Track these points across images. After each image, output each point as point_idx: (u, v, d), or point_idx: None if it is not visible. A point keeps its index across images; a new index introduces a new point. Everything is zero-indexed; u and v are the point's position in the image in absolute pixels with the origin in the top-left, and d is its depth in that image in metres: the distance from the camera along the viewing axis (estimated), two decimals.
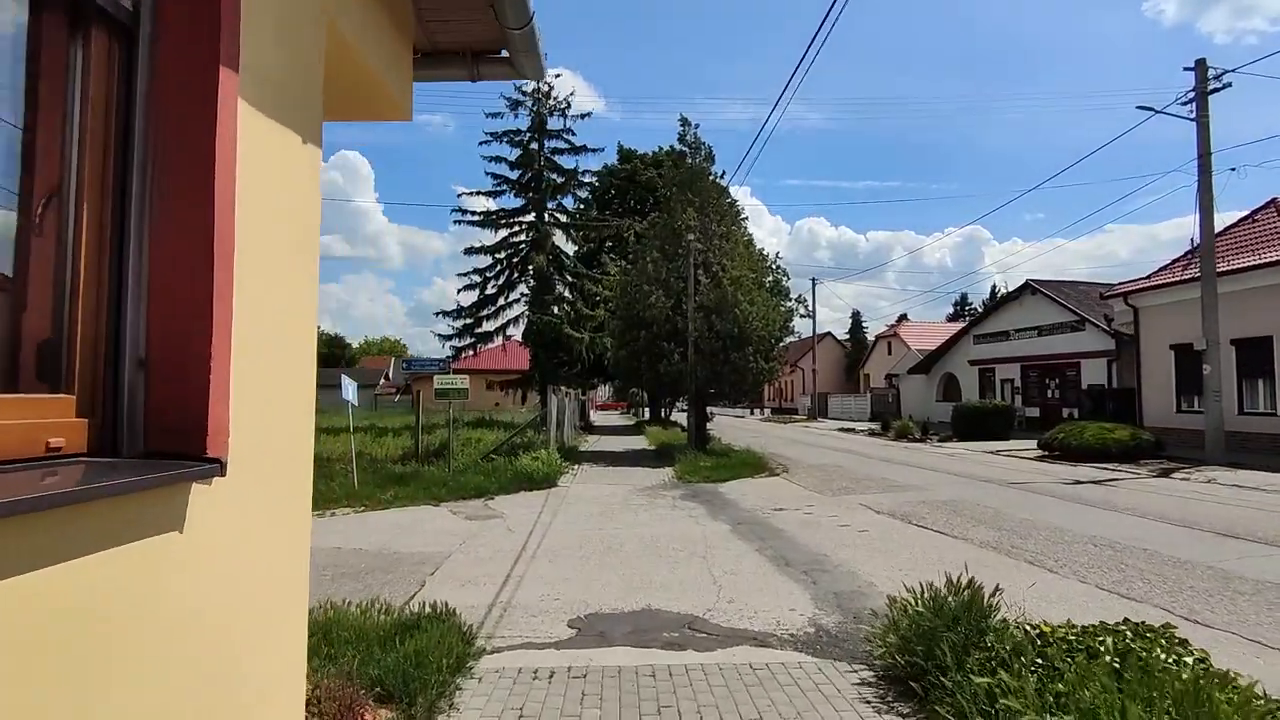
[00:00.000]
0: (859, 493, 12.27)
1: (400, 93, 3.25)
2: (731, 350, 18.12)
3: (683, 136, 20.30)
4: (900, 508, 10.43)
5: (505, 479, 13.22)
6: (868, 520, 9.51)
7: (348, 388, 12.95)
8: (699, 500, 11.61)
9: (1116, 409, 21.42)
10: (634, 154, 38.41)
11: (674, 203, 20.09)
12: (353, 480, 12.52)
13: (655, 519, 9.88)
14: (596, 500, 11.70)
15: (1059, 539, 8.02)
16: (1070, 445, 17.38)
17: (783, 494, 12.36)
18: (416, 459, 14.98)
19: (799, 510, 10.44)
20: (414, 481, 12.94)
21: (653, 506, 11.02)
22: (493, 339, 31.59)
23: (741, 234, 20.11)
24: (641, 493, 12.63)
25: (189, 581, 1.59)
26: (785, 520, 9.61)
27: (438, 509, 11.08)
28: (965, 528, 8.77)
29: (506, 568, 6.99)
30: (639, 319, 18.92)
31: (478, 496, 12.14)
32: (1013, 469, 15.89)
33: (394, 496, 11.87)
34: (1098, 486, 12.68)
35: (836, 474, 15.32)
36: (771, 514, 10.14)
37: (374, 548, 8.14)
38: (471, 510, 10.90)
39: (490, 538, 8.66)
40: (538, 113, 31.23)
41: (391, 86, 3.14)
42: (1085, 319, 25.44)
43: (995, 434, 24.13)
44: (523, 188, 31.51)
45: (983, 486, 12.84)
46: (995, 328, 31.14)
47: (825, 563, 7.05)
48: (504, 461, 14.24)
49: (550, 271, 30.88)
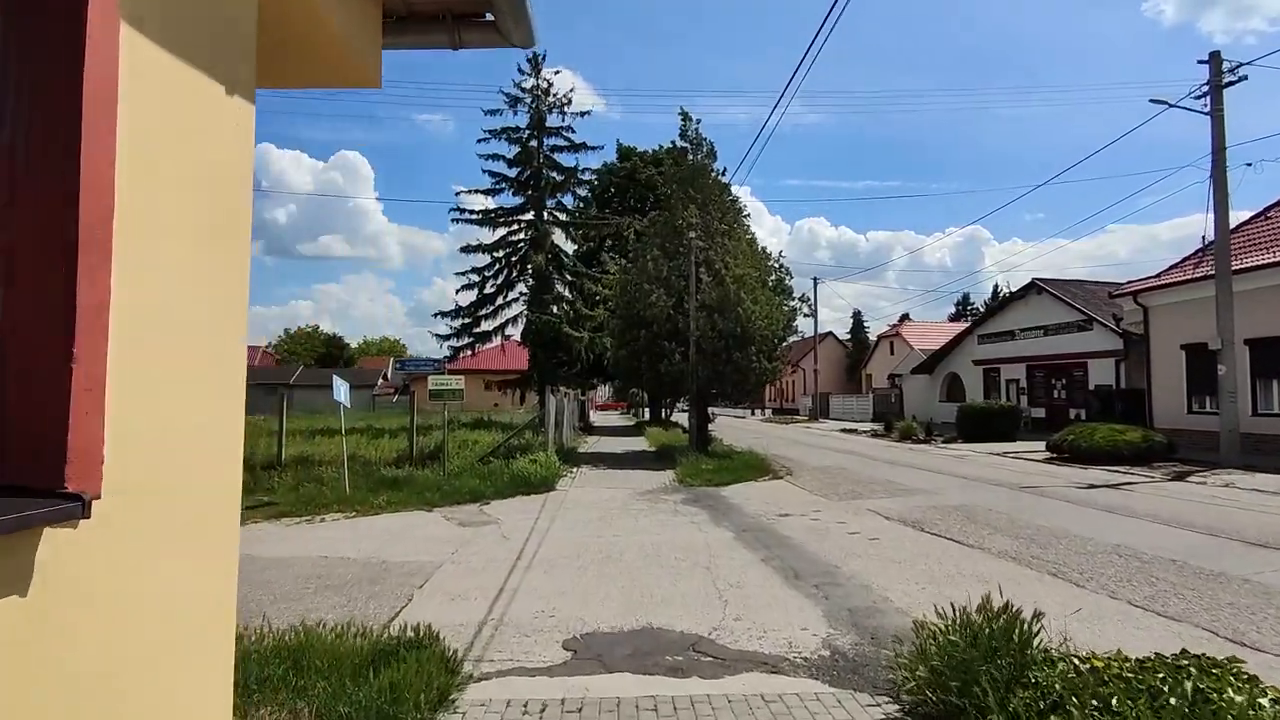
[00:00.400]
0: (866, 497, 11.89)
1: (368, 56, 2.87)
2: (734, 350, 17.74)
3: (684, 132, 19.91)
4: (910, 513, 10.05)
5: (501, 483, 12.84)
6: (877, 527, 9.13)
7: (339, 389, 12.57)
8: (701, 505, 11.22)
9: (1126, 410, 21.03)
10: (633, 152, 38.00)
11: (675, 199, 19.70)
12: (344, 485, 12.15)
13: (656, 525, 9.49)
14: (595, 505, 11.32)
15: (1080, 548, 7.64)
16: (1080, 447, 16.98)
17: (787, 498, 11.98)
18: (411, 462, 14.59)
19: (805, 516, 10.05)
20: (408, 486, 12.56)
21: (654, 512, 10.64)
22: (491, 339, 31.18)
23: (744, 231, 19.73)
24: (642, 497, 12.25)
25: (47, 654, 1.21)
26: (791, 527, 9.22)
27: (431, 514, 10.70)
28: (980, 535, 8.38)
29: (499, 580, 6.61)
30: (639, 318, 18.53)
31: (473, 501, 11.76)
32: (1022, 472, 15.50)
33: (387, 501, 11.49)
34: (1113, 491, 12.29)
35: (841, 477, 14.93)
36: (776, 520, 9.75)
37: (362, 556, 7.76)
38: (466, 516, 10.52)
39: (484, 545, 8.28)
40: (537, 109, 30.82)
41: (358, 49, 2.76)
42: (1093, 318, 25.04)
43: (1001, 435, 23.74)
44: (521, 186, 31.10)
45: (993, 490, 12.46)
46: (1000, 327, 30.75)
47: (836, 575, 6.66)
48: (500, 465, 13.86)
49: (549, 271, 30.48)
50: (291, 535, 9.15)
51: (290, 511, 10.84)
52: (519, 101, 30.74)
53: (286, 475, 13.36)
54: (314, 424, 29.61)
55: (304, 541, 8.69)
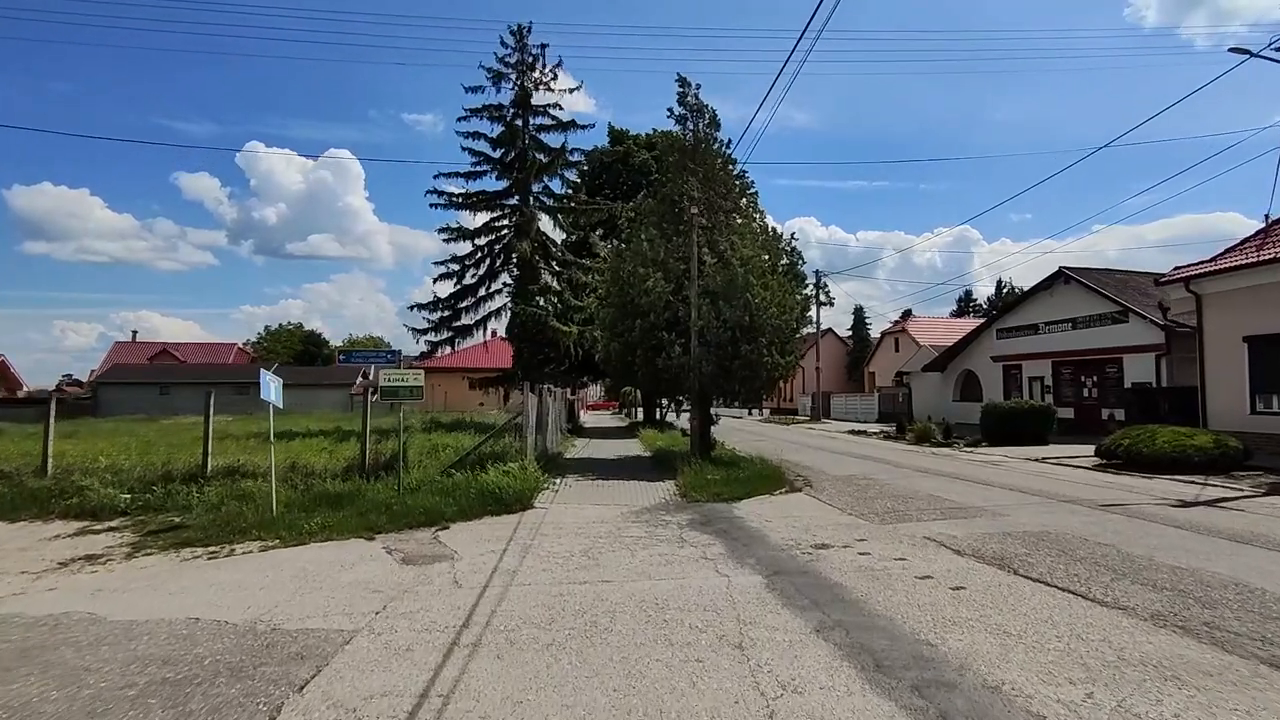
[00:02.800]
0: (914, 518, 9.67)
1: None
2: (742, 341, 15.48)
3: (682, 98, 17.61)
4: (984, 545, 7.83)
5: (467, 499, 10.57)
6: (953, 567, 6.90)
7: (267, 386, 10.26)
8: (713, 530, 8.98)
9: (1174, 410, 18.90)
10: (626, 134, 35.69)
11: (673, 172, 17.43)
12: (272, 504, 9.84)
13: (658, 563, 7.24)
14: (580, 530, 9.06)
15: (1260, 606, 5.42)
16: (1141, 453, 14.83)
17: (816, 519, 9.75)
18: (363, 473, 12.29)
19: (849, 548, 7.82)
20: (351, 504, 10.28)
21: (653, 539, 8.39)
22: (473, 333, 28.83)
23: (753, 210, 17.49)
24: (638, 517, 10.00)
25: None
26: (837, 566, 6.99)
27: (372, 545, 8.43)
28: (1103, 584, 6.15)
29: (428, 672, 4.35)
30: (634, 306, 16.25)
31: (428, 525, 9.48)
32: (1082, 483, 13.33)
33: (321, 525, 9.22)
34: (1215, 510, 10.12)
35: (872, 489, 12.72)
36: (815, 555, 7.51)
37: (248, 620, 5.49)
38: (415, 547, 8.24)
39: (424, 600, 6.01)
40: (521, 85, 28.50)
41: None
42: (1129, 309, 22.92)
43: (1032, 438, 21.57)
44: (505, 168, 28.77)
45: (1068, 509, 10.27)
46: (1022, 320, 28.53)
47: (937, 663, 4.41)
48: (466, 477, 11.57)
49: (535, 259, 28.17)
50: (177, 578, 6.86)
51: (198, 539, 8.58)
52: (502, 77, 28.43)
53: (210, 490, 11.06)
54: (282, 425, 27.43)
55: (185, 590, 6.39)
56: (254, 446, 18.04)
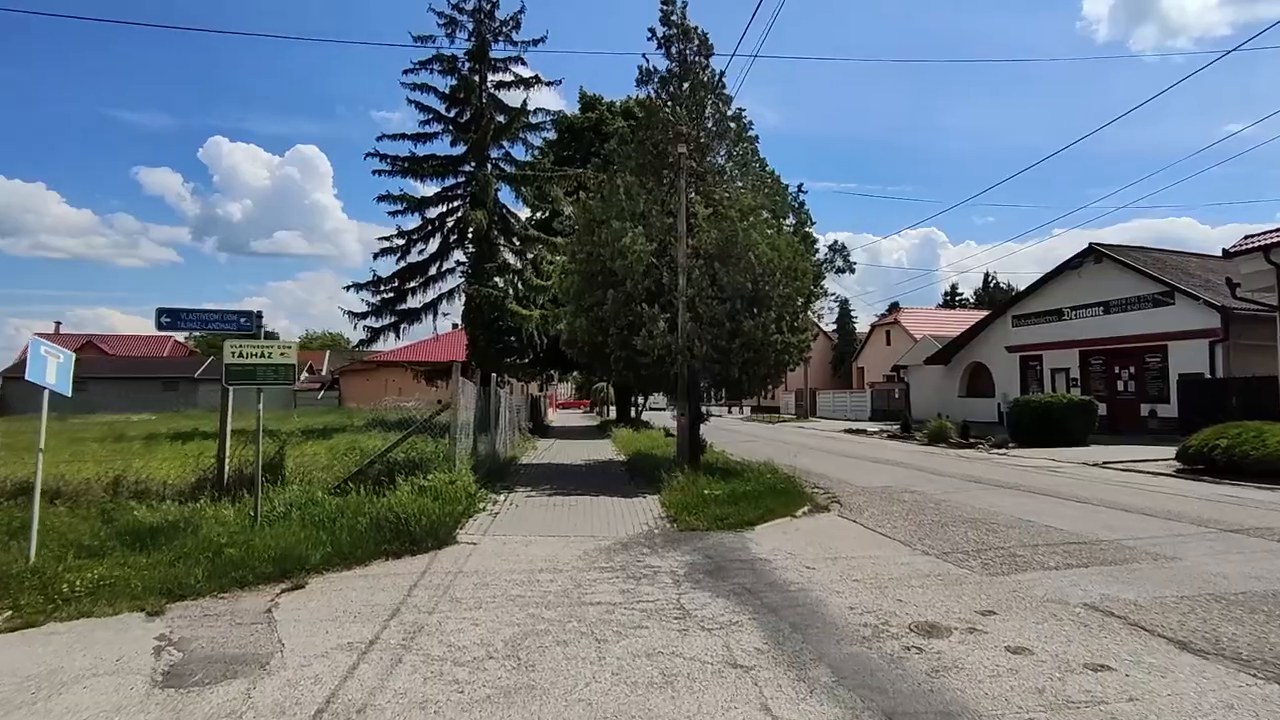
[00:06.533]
0: (1030, 563, 6.33)
1: None
2: (743, 315, 12.06)
3: (666, 16, 14.17)
4: (1213, 625, 4.49)
5: (352, 533, 7.00)
6: (1202, 685, 3.52)
7: (40, 362, 6.61)
8: (730, 588, 5.53)
9: (1246, 405, 15.91)
10: (599, 100, 32.10)
11: (657, 105, 13.96)
12: (30, 545, 6.19)
13: (645, 675, 3.76)
14: (515, 590, 5.56)
15: None
16: (1247, 457, 11.73)
17: (881, 563, 6.37)
18: (220, 490, 8.65)
19: (977, 634, 4.42)
20: (169, 542, 6.68)
21: (634, 611, 4.93)
22: (421, 318, 24.98)
23: (753, 153, 14.09)
24: (609, 561, 6.52)
25: None
26: (993, 693, 3.57)
27: (146, 626, 4.90)
28: None
29: None
30: (606, 272, 12.74)
31: (274, 580, 5.93)
32: (1195, 498, 10.17)
33: (95, 582, 5.64)
34: None
35: (926, 509, 9.40)
36: (931, 655, 4.08)
37: None
38: (217, 635, 4.68)
39: None
40: (479, 34, 24.79)
41: None
42: (1176, 288, 19.94)
43: (1064, 439, 18.41)
44: (460, 128, 25.00)
45: (1241, 542, 7.03)
46: (1043, 306, 25.42)
47: None
48: (360, 499, 7.98)
49: (494, 234, 24.50)
50: None
51: None
52: (456, 24, 24.68)
53: None
54: (238, 424, 23.87)
55: None
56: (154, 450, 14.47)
